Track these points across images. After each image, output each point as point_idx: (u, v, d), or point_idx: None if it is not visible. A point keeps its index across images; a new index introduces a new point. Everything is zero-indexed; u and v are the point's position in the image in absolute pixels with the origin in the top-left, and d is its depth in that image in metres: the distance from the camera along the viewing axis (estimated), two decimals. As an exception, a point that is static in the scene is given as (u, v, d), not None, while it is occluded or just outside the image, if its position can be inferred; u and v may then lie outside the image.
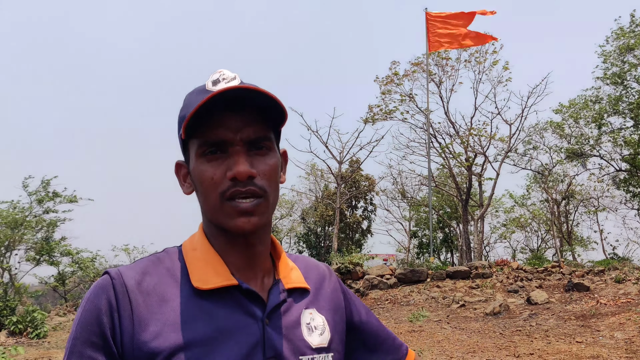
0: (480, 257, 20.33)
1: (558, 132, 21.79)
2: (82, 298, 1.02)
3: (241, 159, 0.94)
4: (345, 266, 15.21)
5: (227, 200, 0.94)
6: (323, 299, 1.12)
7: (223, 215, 0.96)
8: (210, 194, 0.96)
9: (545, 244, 29.72)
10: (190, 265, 0.99)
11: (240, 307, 0.96)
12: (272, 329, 0.97)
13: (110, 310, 0.91)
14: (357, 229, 29.95)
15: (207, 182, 0.95)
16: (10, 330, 12.46)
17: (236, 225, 0.95)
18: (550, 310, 11.37)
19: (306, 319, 1.05)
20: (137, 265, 0.98)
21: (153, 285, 0.95)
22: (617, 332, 8.96)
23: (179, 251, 1.04)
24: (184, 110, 0.99)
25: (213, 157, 0.96)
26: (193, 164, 0.98)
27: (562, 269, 14.69)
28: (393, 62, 20.93)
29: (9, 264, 18.64)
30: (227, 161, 0.95)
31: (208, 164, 0.96)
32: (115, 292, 0.92)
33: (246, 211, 0.94)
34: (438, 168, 25.10)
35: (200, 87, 1.00)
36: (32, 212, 19.48)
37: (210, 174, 0.95)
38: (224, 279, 0.97)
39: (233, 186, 0.94)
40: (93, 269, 19.95)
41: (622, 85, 19.92)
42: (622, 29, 19.43)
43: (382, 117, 21.36)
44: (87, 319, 0.91)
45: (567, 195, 24.70)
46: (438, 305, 12.82)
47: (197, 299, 0.94)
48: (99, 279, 0.96)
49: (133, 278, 0.94)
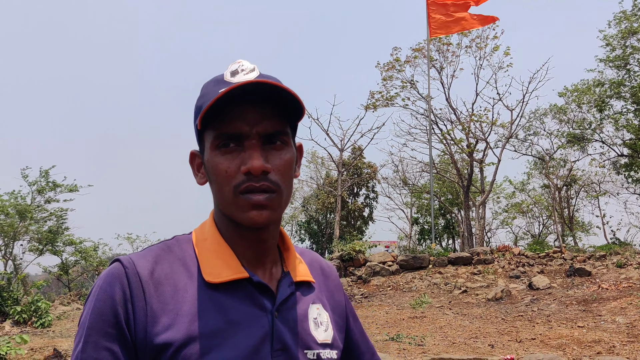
0: (481, 243, 20.36)
1: (559, 116, 21.75)
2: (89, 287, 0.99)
3: (256, 153, 0.94)
4: (348, 253, 15.26)
5: (241, 193, 0.94)
6: (326, 296, 1.14)
7: (236, 208, 0.95)
8: (224, 186, 0.95)
9: (546, 230, 29.78)
10: (202, 256, 0.98)
11: (251, 299, 0.97)
12: (280, 321, 0.98)
13: (125, 300, 0.90)
14: (359, 216, 29.98)
15: (221, 175, 0.95)
16: (15, 319, 12.54)
17: (248, 218, 0.94)
18: (552, 296, 11.42)
19: (313, 313, 1.06)
20: (148, 253, 0.97)
21: (165, 274, 0.94)
22: (619, 317, 8.99)
23: (190, 240, 1.03)
24: (201, 100, 0.99)
25: (228, 149, 0.95)
26: (208, 155, 0.98)
27: (563, 254, 14.72)
28: (394, 48, 20.84)
29: (13, 254, 18.73)
30: (242, 155, 0.95)
31: (223, 156, 0.95)
32: (128, 282, 0.91)
33: (259, 205, 0.94)
34: (439, 155, 25.09)
35: (219, 77, 0.99)
36: (34, 202, 19.52)
37: (224, 166, 0.95)
38: (235, 271, 0.97)
39: (247, 180, 0.94)
40: (96, 257, 20.02)
41: (625, 69, 19.85)
42: (625, 13, 19.32)
43: (384, 103, 21.30)
44: (101, 309, 0.90)
45: (568, 181, 24.69)
46: (440, 291, 12.87)
47: (208, 291, 0.94)
48: (110, 267, 0.95)
49: (146, 267, 0.93)
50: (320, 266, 1.18)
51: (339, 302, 1.17)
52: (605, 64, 20.26)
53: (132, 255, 0.96)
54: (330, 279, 1.19)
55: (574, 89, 21.56)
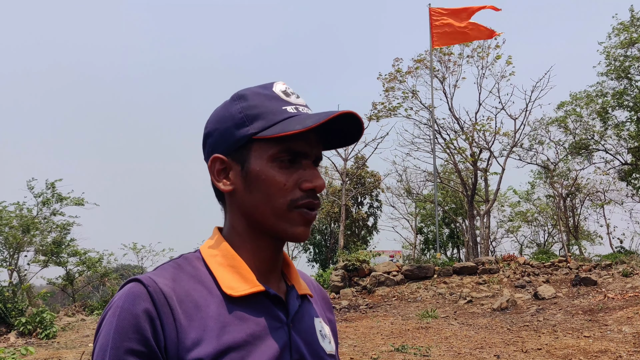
0: (486, 252, 20.30)
1: (562, 127, 21.76)
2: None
3: (317, 173, 1.00)
4: (352, 263, 15.23)
5: (296, 208, 0.98)
6: (322, 310, 1.17)
7: (285, 221, 0.98)
8: (278, 199, 0.97)
9: (552, 239, 29.67)
10: (216, 271, 0.99)
11: (268, 312, 0.99)
12: (295, 332, 1.01)
13: (150, 317, 0.89)
14: (363, 226, 29.93)
15: (277, 187, 0.97)
16: (20, 331, 12.55)
17: (296, 232, 0.99)
18: (557, 305, 11.37)
19: (318, 326, 1.08)
20: (164, 272, 0.97)
21: (185, 291, 0.94)
22: (625, 326, 8.94)
23: (199, 257, 1.03)
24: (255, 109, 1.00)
25: (285, 164, 0.98)
26: (258, 165, 0.99)
27: (569, 263, 14.67)
28: (396, 59, 20.89)
29: (17, 266, 18.74)
30: (300, 172, 0.99)
31: (280, 170, 0.98)
32: (152, 300, 0.90)
33: (310, 221, 1.00)
34: (442, 164, 25.08)
35: (269, 93, 1.02)
36: (40, 214, 19.57)
37: (282, 180, 0.97)
38: (252, 285, 0.98)
39: (307, 197, 0.98)
40: (101, 268, 20.03)
41: (627, 79, 19.88)
42: (624, 24, 19.41)
43: (386, 114, 21.34)
44: (125, 327, 0.88)
45: (572, 190, 24.63)
46: (445, 301, 12.83)
47: (229, 305, 0.95)
48: (128, 286, 0.93)
49: (167, 285, 0.93)
50: (312, 284, 1.21)
51: (331, 321, 1.20)
52: (607, 75, 20.33)
53: (149, 274, 0.96)
54: (322, 297, 1.22)
55: (573, 98, 21.59)
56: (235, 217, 1.04)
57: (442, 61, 20.49)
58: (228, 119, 1.01)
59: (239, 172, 1.00)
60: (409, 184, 27.01)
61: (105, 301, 17.79)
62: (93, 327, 13.32)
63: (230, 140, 1.01)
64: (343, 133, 1.04)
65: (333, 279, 15.14)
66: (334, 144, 1.07)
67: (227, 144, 1.01)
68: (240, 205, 1.02)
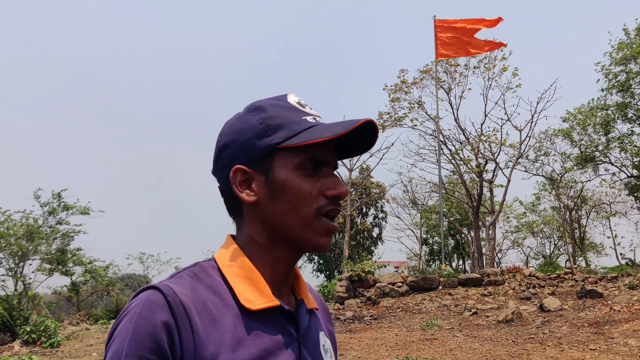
0: (492, 264, 20.22)
1: (568, 139, 21.76)
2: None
3: (339, 180, 1.01)
4: (357, 274, 15.20)
5: (322, 216, 0.99)
6: (324, 323, 1.18)
7: (311, 230, 0.99)
8: (304, 207, 0.98)
9: (558, 250, 29.52)
10: (233, 282, 0.98)
11: (280, 327, 0.99)
12: (304, 348, 1.01)
13: (168, 327, 0.88)
14: (368, 237, 29.90)
15: (302, 196, 0.98)
16: (24, 339, 12.56)
17: (320, 243, 1.00)
18: (563, 318, 11.30)
19: (322, 340, 1.09)
20: (182, 281, 0.95)
21: (202, 303, 0.93)
22: (631, 339, 8.88)
23: (215, 267, 1.02)
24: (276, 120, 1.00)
25: (309, 173, 0.99)
26: (284, 174, 0.99)
27: (574, 275, 14.59)
28: (401, 71, 20.99)
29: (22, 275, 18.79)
30: (322, 180, 1.00)
31: (305, 178, 0.99)
32: (171, 309, 0.89)
33: (332, 232, 1.01)
34: (447, 175, 25.05)
35: (286, 104, 1.04)
36: (46, 223, 19.65)
37: (308, 188, 0.98)
38: (269, 299, 0.98)
39: (331, 204, 0.99)
40: (106, 277, 20.06)
41: (629, 92, 19.92)
42: (622, 41, 19.52)
43: (392, 124, 21.40)
44: (142, 336, 0.87)
45: (578, 202, 24.54)
46: (450, 313, 12.77)
47: (244, 318, 0.95)
48: (146, 294, 0.92)
49: (186, 295, 0.92)
50: (314, 294, 1.21)
51: (331, 332, 1.21)
52: (608, 91, 20.40)
53: (167, 282, 0.94)
54: (323, 309, 1.22)
55: (577, 112, 21.62)
56: (256, 229, 1.02)
57: (448, 72, 20.56)
58: (247, 130, 1.01)
59: (263, 182, 1.00)
60: (414, 194, 27.02)
61: (110, 310, 17.80)
62: (97, 336, 13.31)
63: (252, 150, 1.00)
64: (356, 141, 1.05)
65: (338, 290, 15.11)
66: (345, 153, 1.08)
67: (248, 155, 1.01)
68: (264, 215, 1.00)
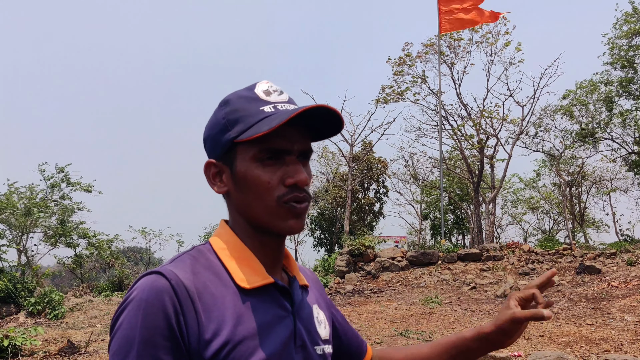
0: (491, 239, 20.34)
1: (567, 116, 21.70)
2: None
3: (299, 168, 1.04)
4: (357, 248, 15.33)
5: (285, 203, 1.03)
6: (317, 296, 1.24)
7: (277, 217, 1.04)
8: (266, 197, 1.03)
9: (557, 226, 29.66)
10: (228, 263, 1.04)
11: (276, 302, 1.05)
12: (299, 320, 1.08)
13: (176, 312, 0.93)
14: (369, 211, 30.01)
15: (263, 186, 1.02)
16: (29, 311, 12.74)
17: (288, 226, 1.04)
18: (561, 293, 11.43)
19: (315, 312, 1.16)
20: (183, 264, 1.01)
21: (202, 284, 0.98)
22: (628, 315, 9.00)
23: (210, 249, 1.08)
24: (236, 114, 1.04)
25: (268, 163, 1.03)
26: (244, 166, 1.04)
27: (573, 251, 14.71)
28: (406, 44, 20.83)
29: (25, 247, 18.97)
30: (283, 168, 1.03)
31: (264, 169, 1.02)
32: (176, 294, 0.94)
33: (300, 214, 1.04)
34: (449, 150, 25.05)
35: (252, 95, 1.06)
36: (50, 197, 19.80)
37: (266, 178, 1.02)
38: (263, 277, 1.04)
39: (291, 192, 1.03)
40: (109, 251, 20.25)
41: (632, 68, 19.80)
42: (628, 13, 19.31)
43: (395, 98, 21.32)
44: (153, 322, 0.91)
45: (578, 178, 24.57)
46: (449, 287, 12.91)
47: (242, 297, 1.01)
48: (150, 279, 0.96)
49: (188, 279, 0.97)
50: (304, 271, 1.26)
51: (326, 302, 1.28)
52: (612, 65, 20.25)
53: (169, 266, 0.99)
54: (315, 281, 1.29)
55: (577, 87, 21.51)
56: (234, 216, 1.10)
57: (452, 46, 20.40)
58: (215, 125, 1.07)
59: (230, 175, 1.07)
60: (415, 169, 27.04)
61: (113, 283, 17.98)
62: (100, 308, 13.50)
63: (218, 145, 1.07)
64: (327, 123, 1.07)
65: (338, 264, 15.25)
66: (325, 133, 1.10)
67: (217, 149, 1.07)
68: (236, 205, 1.08)
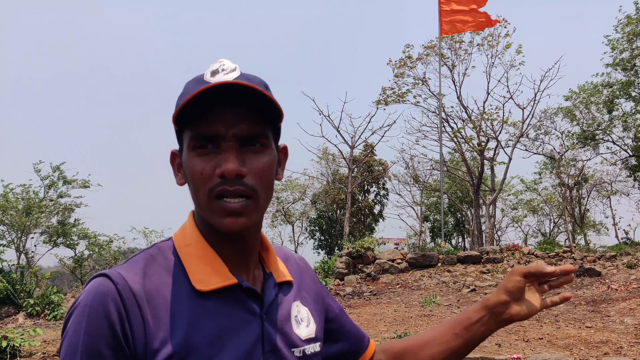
0: (491, 241, 20.34)
1: (569, 117, 21.71)
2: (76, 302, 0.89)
3: (231, 156, 0.91)
4: (357, 250, 15.31)
5: (215, 198, 0.92)
6: (305, 290, 1.14)
7: (211, 213, 0.93)
8: (200, 189, 0.93)
9: (557, 228, 29.64)
10: (187, 263, 0.96)
11: (241, 304, 0.96)
12: (268, 323, 0.98)
13: (120, 318, 0.86)
14: (369, 214, 29.98)
15: (196, 177, 0.93)
16: (28, 312, 12.75)
17: (223, 225, 0.93)
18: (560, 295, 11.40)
19: (294, 312, 1.06)
20: (134, 266, 0.93)
21: (155, 287, 0.91)
22: (627, 318, 8.99)
23: (172, 247, 0.99)
24: (180, 99, 0.95)
25: (205, 151, 0.92)
26: (185, 156, 0.95)
27: (573, 254, 14.69)
28: (407, 45, 20.83)
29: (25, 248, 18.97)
30: (218, 157, 0.92)
31: (198, 158, 0.93)
32: (121, 298, 0.87)
33: (234, 211, 0.92)
34: (450, 152, 25.05)
35: (199, 77, 0.96)
36: (47, 197, 19.77)
37: (199, 168, 0.92)
38: (224, 278, 0.95)
39: (221, 184, 0.91)
40: (109, 251, 20.25)
41: (633, 70, 19.81)
42: (630, 17, 19.32)
43: (395, 99, 21.33)
44: (96, 329, 0.85)
45: (579, 180, 24.57)
46: (449, 289, 12.90)
47: (199, 300, 0.93)
48: (96, 282, 0.89)
49: (137, 282, 0.90)
50: (295, 261, 1.18)
51: (317, 292, 1.18)
52: (613, 67, 20.25)
53: (119, 268, 0.92)
54: (305, 271, 1.18)
55: (580, 90, 21.52)
56: (195, 208, 1.01)
57: (453, 49, 20.41)
58: None
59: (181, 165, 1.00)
60: (415, 171, 27.04)
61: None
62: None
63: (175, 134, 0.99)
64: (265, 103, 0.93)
65: (338, 266, 15.24)
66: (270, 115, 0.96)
67: (176, 139, 1.00)
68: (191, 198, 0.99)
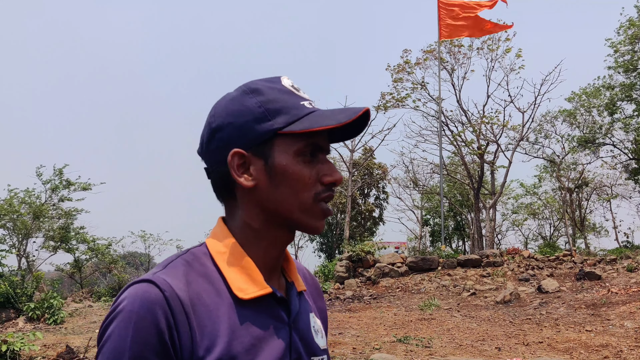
0: (492, 245, 20.34)
1: (570, 120, 21.72)
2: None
3: (334, 166, 1.02)
4: (357, 254, 15.32)
5: (320, 202, 1.00)
6: (314, 303, 1.18)
7: (310, 215, 1.01)
8: (304, 193, 0.99)
9: (557, 232, 29.62)
10: (225, 270, 0.98)
11: (272, 313, 0.99)
12: (295, 332, 1.02)
13: (169, 327, 0.88)
14: (369, 217, 29.99)
15: (303, 182, 0.99)
16: (28, 316, 12.73)
17: (318, 226, 1.02)
18: (560, 299, 11.41)
19: (312, 321, 1.09)
20: (176, 272, 0.94)
21: (197, 294, 0.93)
22: (627, 321, 8.99)
23: (207, 253, 1.01)
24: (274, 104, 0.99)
25: (307, 159, 0.99)
26: (284, 160, 0.98)
27: (573, 257, 14.69)
28: (405, 50, 20.88)
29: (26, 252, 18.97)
30: (319, 166, 1.00)
31: (304, 164, 0.99)
32: (170, 307, 0.88)
33: (328, 216, 1.03)
34: (449, 156, 25.07)
35: (283, 87, 1.01)
36: (50, 201, 19.77)
37: (307, 174, 0.99)
38: (261, 287, 0.98)
39: (327, 190, 1.01)
40: (108, 255, 20.23)
41: (635, 72, 19.83)
42: (632, 20, 19.37)
43: (394, 104, 21.36)
44: (145, 337, 0.86)
45: (579, 184, 24.57)
46: (449, 293, 12.90)
47: (238, 308, 0.95)
48: (142, 289, 0.90)
49: (182, 289, 0.91)
50: (304, 274, 1.21)
51: (322, 309, 1.22)
52: (615, 70, 20.28)
53: (161, 274, 0.93)
54: (314, 287, 1.23)
55: (582, 92, 21.54)
56: (251, 213, 1.01)
57: (452, 52, 20.46)
58: (245, 113, 0.99)
59: (262, 167, 0.99)
60: (415, 175, 27.06)
61: (112, 288, 17.98)
62: (100, 313, 13.48)
63: (250, 135, 0.98)
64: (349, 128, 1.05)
65: (338, 270, 15.24)
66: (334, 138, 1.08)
67: (247, 139, 0.99)
68: (262, 200, 1.00)
